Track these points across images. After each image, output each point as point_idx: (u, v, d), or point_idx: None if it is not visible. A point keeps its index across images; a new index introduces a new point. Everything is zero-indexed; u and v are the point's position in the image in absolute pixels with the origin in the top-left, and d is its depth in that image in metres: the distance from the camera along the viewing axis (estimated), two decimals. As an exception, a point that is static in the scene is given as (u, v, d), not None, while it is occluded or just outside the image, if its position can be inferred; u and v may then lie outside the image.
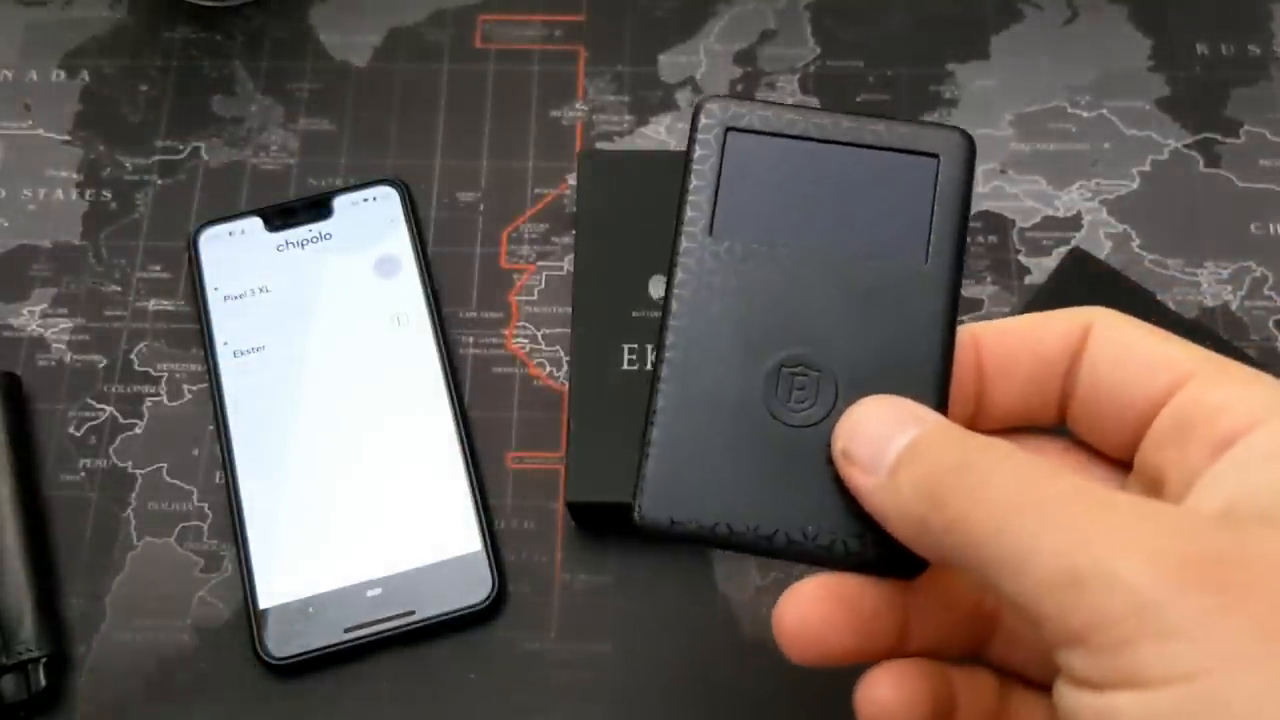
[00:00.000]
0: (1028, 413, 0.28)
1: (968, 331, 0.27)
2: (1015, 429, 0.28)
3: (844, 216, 0.27)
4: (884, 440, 0.24)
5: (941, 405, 0.26)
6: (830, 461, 0.26)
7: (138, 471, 0.43)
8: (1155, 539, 0.20)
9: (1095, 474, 0.27)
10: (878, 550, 0.25)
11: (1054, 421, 0.27)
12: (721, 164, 0.27)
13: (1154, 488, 0.25)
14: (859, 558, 0.25)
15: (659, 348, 0.26)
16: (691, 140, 0.27)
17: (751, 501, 0.26)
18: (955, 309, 0.26)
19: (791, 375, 0.26)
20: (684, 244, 0.27)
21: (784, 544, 0.25)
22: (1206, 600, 0.19)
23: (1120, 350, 0.26)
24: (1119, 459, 0.27)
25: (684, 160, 0.27)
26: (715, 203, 0.27)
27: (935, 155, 0.27)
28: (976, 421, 0.28)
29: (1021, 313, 0.43)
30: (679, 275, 0.27)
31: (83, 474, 0.43)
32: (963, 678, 0.27)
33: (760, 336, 0.26)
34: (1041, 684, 0.27)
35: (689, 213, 0.27)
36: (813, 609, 0.25)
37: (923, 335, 0.26)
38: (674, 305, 0.27)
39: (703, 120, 0.27)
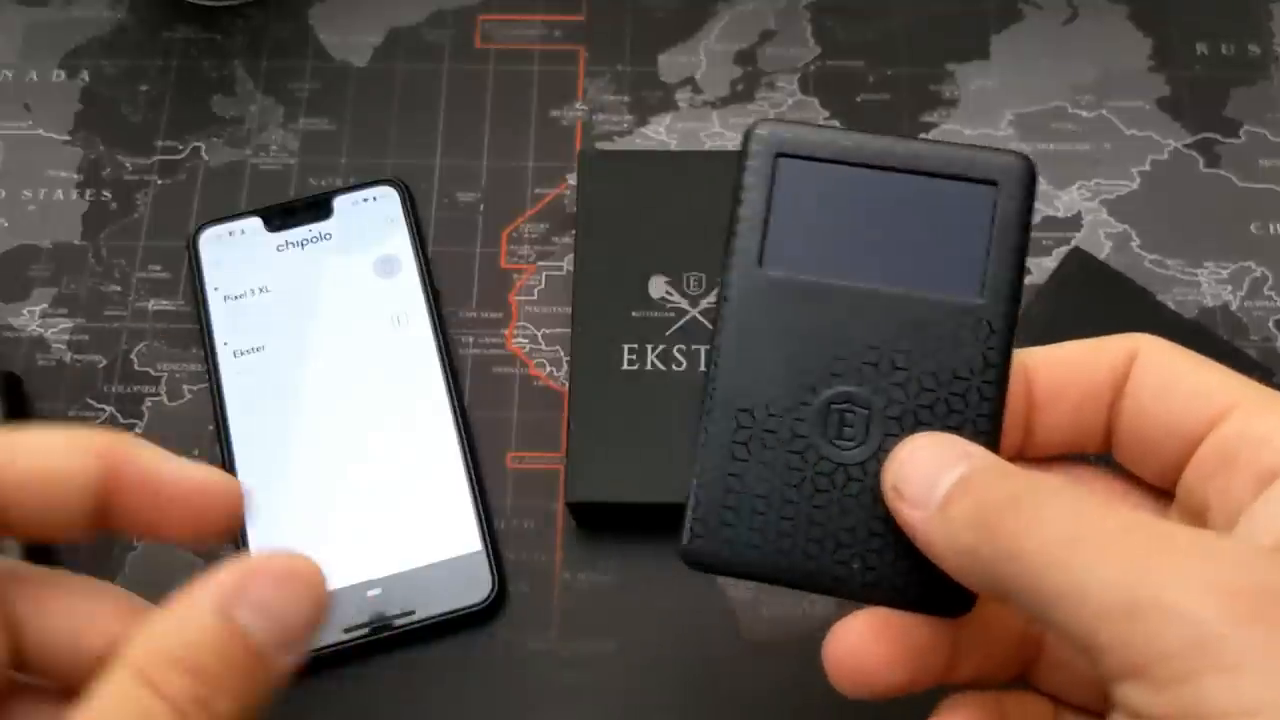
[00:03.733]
0: (1074, 441, 0.28)
1: (1019, 360, 0.27)
2: (1059, 457, 0.28)
3: (897, 247, 0.26)
4: (934, 475, 0.24)
5: (994, 444, 0.25)
6: (878, 500, 0.25)
7: (138, 471, 0.43)
8: (1214, 571, 0.20)
9: (1137, 503, 0.27)
10: (925, 589, 0.25)
11: (1099, 449, 0.27)
12: (771, 191, 0.26)
13: (1198, 518, 0.25)
14: (906, 596, 0.25)
15: (707, 380, 0.26)
16: (741, 166, 0.26)
17: (799, 538, 0.25)
18: (1010, 346, 0.25)
19: (840, 412, 0.26)
20: (733, 274, 0.26)
21: (831, 581, 0.25)
22: (1270, 634, 0.19)
23: (1164, 379, 0.26)
24: (1162, 488, 0.27)
25: (734, 186, 0.26)
26: (765, 232, 0.26)
27: (994, 183, 0.26)
28: (1025, 450, 0.28)
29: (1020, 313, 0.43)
30: (727, 307, 0.26)
31: (83, 474, 0.43)
32: (1016, 704, 0.27)
33: (809, 372, 0.26)
34: (1086, 709, 0.27)
35: (738, 242, 0.26)
36: (863, 645, 0.25)
37: (976, 373, 0.25)
38: (721, 338, 0.26)
39: (752, 146, 0.26)
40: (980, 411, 0.25)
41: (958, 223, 0.26)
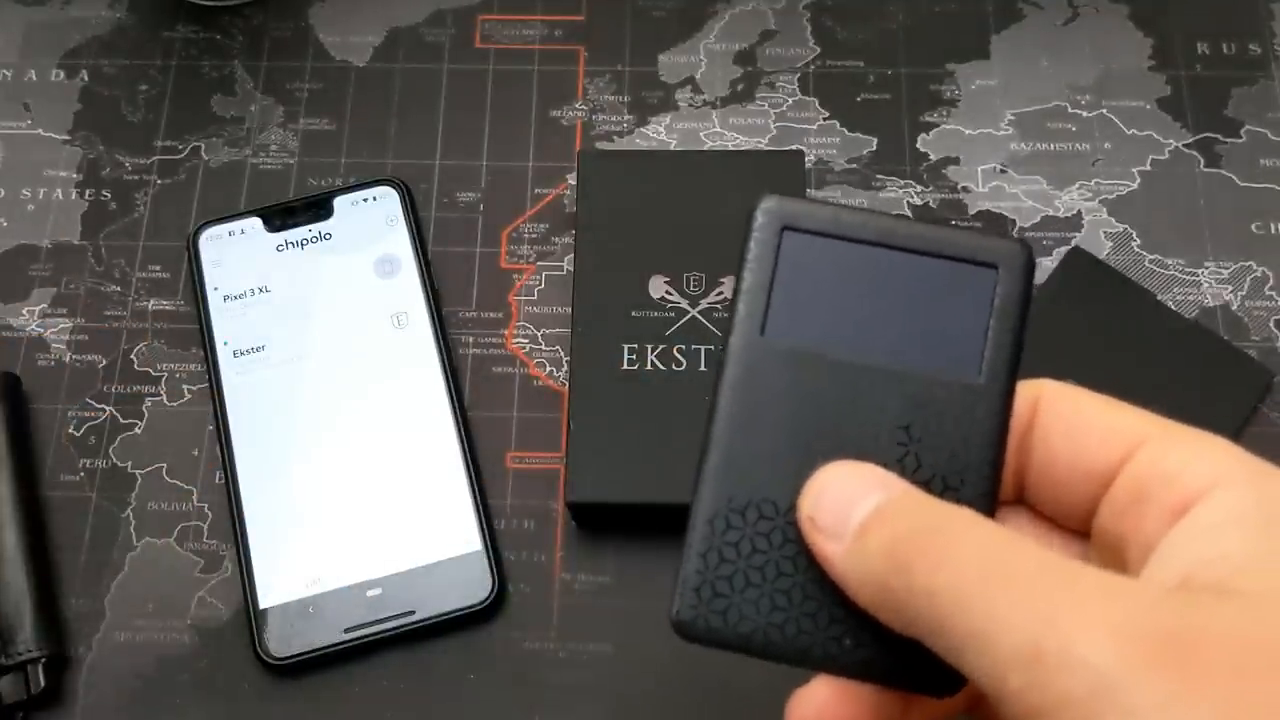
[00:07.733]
0: None
1: None
2: None
3: (898, 324, 0.26)
4: (849, 504, 0.24)
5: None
6: None
7: (138, 471, 0.43)
8: (1118, 615, 0.20)
9: (1055, 545, 0.27)
10: (914, 668, 0.25)
11: (1012, 497, 0.27)
12: (776, 263, 0.27)
13: (1114, 556, 0.25)
14: (895, 675, 0.25)
15: (704, 446, 0.26)
16: (747, 237, 0.27)
17: (792, 613, 0.25)
18: (1006, 428, 0.26)
19: None
20: (735, 342, 0.26)
21: (821, 657, 0.25)
22: (1169, 681, 0.19)
23: (1070, 421, 0.26)
24: (1077, 530, 0.27)
25: (739, 256, 0.27)
26: (768, 303, 0.26)
27: (994, 266, 0.26)
28: None
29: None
30: (728, 373, 0.26)
31: (83, 474, 0.43)
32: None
33: (807, 442, 0.26)
34: None
35: (741, 310, 0.26)
36: (826, 712, 0.25)
37: (973, 452, 0.26)
38: (721, 404, 0.26)
39: (759, 218, 0.27)
40: (977, 490, 0.25)
41: (959, 303, 0.26)
